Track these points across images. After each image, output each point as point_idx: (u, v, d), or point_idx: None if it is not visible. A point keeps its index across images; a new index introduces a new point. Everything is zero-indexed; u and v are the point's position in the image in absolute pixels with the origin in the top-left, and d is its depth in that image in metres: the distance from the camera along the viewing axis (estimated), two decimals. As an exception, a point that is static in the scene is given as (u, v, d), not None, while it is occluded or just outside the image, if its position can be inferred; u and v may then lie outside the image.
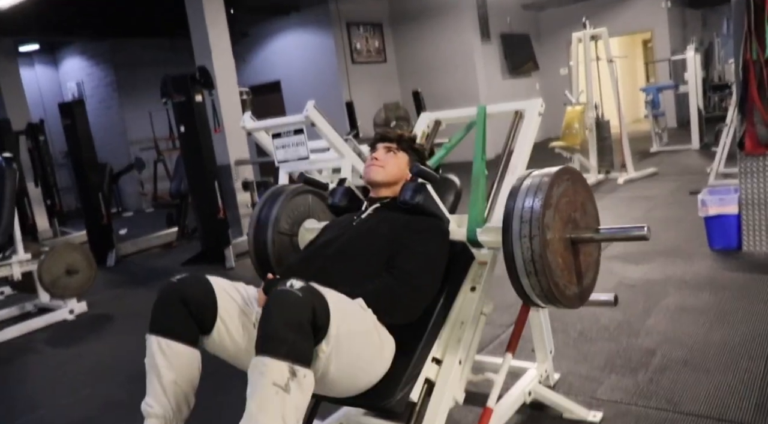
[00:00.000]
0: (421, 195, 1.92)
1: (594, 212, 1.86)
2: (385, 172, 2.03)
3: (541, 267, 1.60)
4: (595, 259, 1.86)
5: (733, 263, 3.57)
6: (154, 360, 1.65)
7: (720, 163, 5.67)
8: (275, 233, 2.17)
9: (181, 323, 1.66)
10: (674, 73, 10.87)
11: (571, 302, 1.74)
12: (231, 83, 6.08)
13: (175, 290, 1.68)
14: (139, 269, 5.78)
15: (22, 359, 3.65)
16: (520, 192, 1.68)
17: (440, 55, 10.31)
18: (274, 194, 2.27)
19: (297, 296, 1.45)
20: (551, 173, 1.69)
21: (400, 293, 1.70)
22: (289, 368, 1.38)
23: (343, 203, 2.14)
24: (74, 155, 6.17)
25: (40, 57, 10.90)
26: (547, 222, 1.62)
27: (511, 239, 1.64)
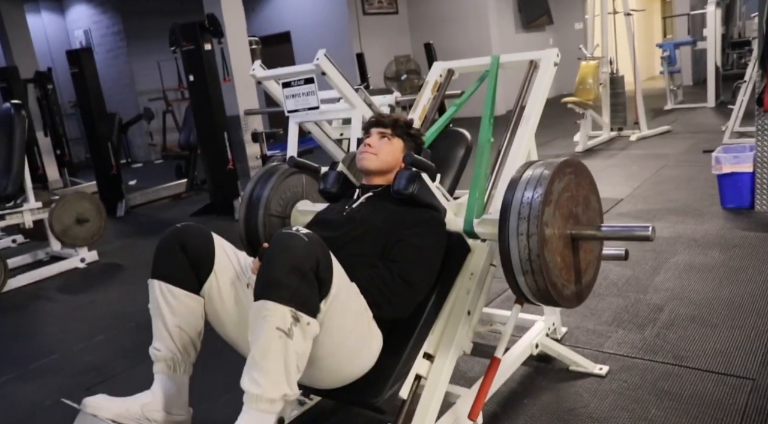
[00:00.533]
0: (415, 184, 1.81)
1: (597, 205, 1.79)
2: (379, 160, 1.92)
3: (538, 266, 1.53)
4: (596, 255, 1.79)
5: (744, 221, 3.54)
6: (158, 304, 1.67)
7: (736, 121, 5.57)
8: (266, 215, 2.12)
9: (181, 269, 1.67)
10: (693, 29, 10.60)
11: (569, 301, 1.67)
12: (240, 32, 5.98)
13: (176, 236, 1.69)
14: (149, 219, 5.81)
15: (35, 305, 3.71)
16: (519, 184, 1.60)
17: (453, 8, 10.08)
18: (267, 173, 2.19)
19: (303, 240, 1.41)
20: (553, 166, 1.61)
21: (393, 287, 1.63)
22: (292, 313, 1.37)
23: (334, 189, 2.03)
24: (83, 105, 6.13)
25: (47, 3, 10.75)
26: (546, 219, 1.55)
27: (508, 235, 1.56)
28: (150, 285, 1.69)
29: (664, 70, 8.43)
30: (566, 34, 11.72)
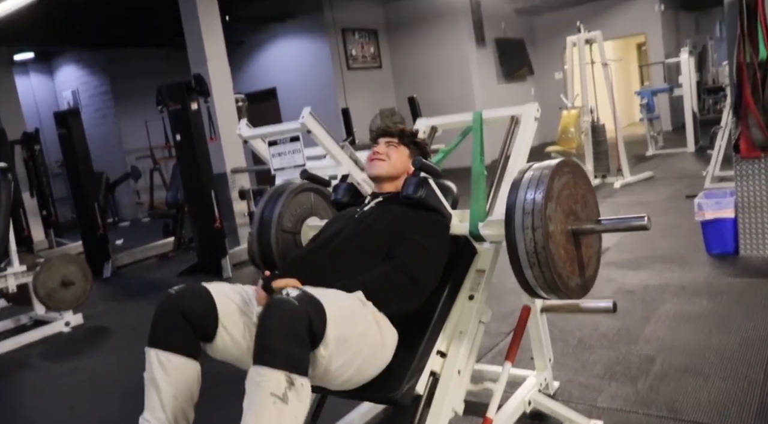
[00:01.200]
0: (423, 189, 1.92)
1: (594, 203, 1.86)
2: (388, 165, 2.03)
3: (544, 258, 1.61)
4: (596, 250, 1.87)
5: (730, 267, 3.56)
6: (153, 374, 1.63)
7: (716, 166, 5.67)
8: (279, 231, 2.17)
9: (182, 336, 1.65)
10: (668, 76, 10.90)
11: (574, 292, 1.74)
12: (227, 91, 6.08)
13: (175, 303, 1.67)
14: (135, 280, 5.75)
15: (17, 373, 3.62)
16: (521, 184, 1.69)
17: (435, 61, 10.33)
18: (276, 193, 2.26)
19: (293, 304, 1.45)
20: (552, 166, 1.70)
21: (396, 282, 1.70)
22: (287, 377, 1.38)
23: (345, 199, 2.15)
24: (70, 165, 6.14)
25: (36, 66, 10.88)
26: (549, 214, 1.63)
27: (514, 230, 1.64)
28: (147, 353, 1.66)
29: (644, 116, 8.63)
30: (547, 83, 12.01)
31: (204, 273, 5.31)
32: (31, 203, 7.61)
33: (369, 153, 2.08)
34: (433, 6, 10.08)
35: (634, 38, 12.84)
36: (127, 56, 9.94)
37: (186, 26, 6.04)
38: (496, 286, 1.97)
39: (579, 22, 6.89)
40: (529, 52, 12.05)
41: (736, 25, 3.43)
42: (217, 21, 6.06)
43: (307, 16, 9.75)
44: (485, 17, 10.67)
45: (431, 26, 10.26)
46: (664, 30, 11.34)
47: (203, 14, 5.93)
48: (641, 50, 13.28)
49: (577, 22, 6.95)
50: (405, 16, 10.44)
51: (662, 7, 11.23)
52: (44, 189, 7.68)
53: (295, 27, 9.96)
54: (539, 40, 12.39)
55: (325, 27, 9.64)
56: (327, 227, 2.03)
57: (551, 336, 2.40)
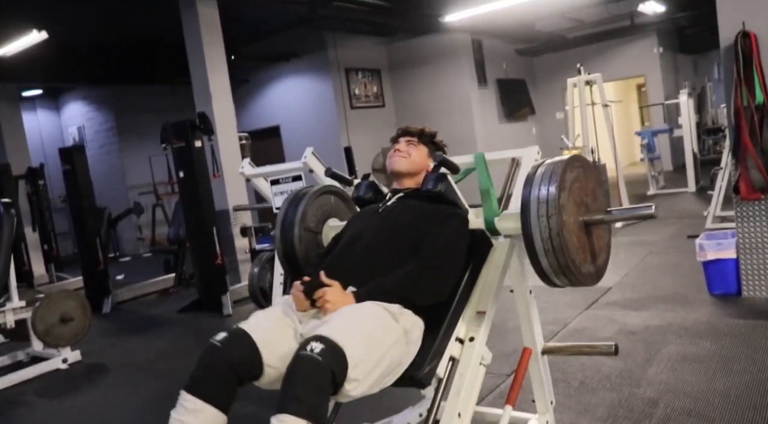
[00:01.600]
0: (443, 184, 2.03)
1: (603, 197, 1.94)
2: (409, 161, 2.13)
3: (558, 244, 1.69)
4: (606, 242, 1.95)
5: (733, 308, 3.54)
6: (183, 418, 1.63)
7: (717, 206, 5.69)
8: (302, 229, 2.24)
9: (224, 388, 1.66)
10: (668, 117, 11.02)
11: (588, 279, 1.82)
12: (230, 129, 6.14)
13: (222, 355, 1.67)
14: (135, 316, 5.72)
15: (13, 411, 3.57)
16: (535, 179, 1.77)
17: (438, 101, 10.45)
18: (298, 196, 2.34)
19: (317, 361, 1.51)
20: (564, 160, 1.79)
21: (425, 277, 1.81)
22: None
23: (368, 196, 2.23)
24: (73, 200, 6.18)
25: (43, 102, 11.04)
26: (562, 203, 1.71)
27: (530, 219, 1.73)
28: (182, 396, 1.65)
29: (644, 157, 8.69)
30: (548, 123, 12.13)
31: (205, 310, 5.29)
32: (33, 238, 7.62)
33: (390, 151, 2.18)
34: (435, 46, 10.26)
35: (634, 79, 13.02)
36: (133, 93, 10.09)
37: (192, 64, 6.14)
38: (497, 325, 1.96)
39: (579, 64, 7.00)
40: (531, 92, 12.21)
41: (732, 70, 3.49)
42: (222, 59, 6.16)
43: (311, 55, 9.92)
44: (487, 58, 10.84)
45: (434, 66, 10.41)
46: (663, 72, 11.50)
47: (209, 53, 6.04)
48: (641, 91, 13.45)
49: (578, 64, 7.06)
50: (407, 56, 10.61)
51: (661, 49, 11.42)
52: (46, 224, 7.70)
53: (299, 66, 10.12)
54: (540, 81, 12.56)
55: (328, 66, 9.79)
56: (351, 225, 2.12)
57: (553, 377, 2.37)
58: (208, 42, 6.03)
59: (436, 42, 10.19)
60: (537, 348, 2.16)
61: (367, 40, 10.29)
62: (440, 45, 10.21)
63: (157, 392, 3.44)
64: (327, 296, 1.76)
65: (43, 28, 6.00)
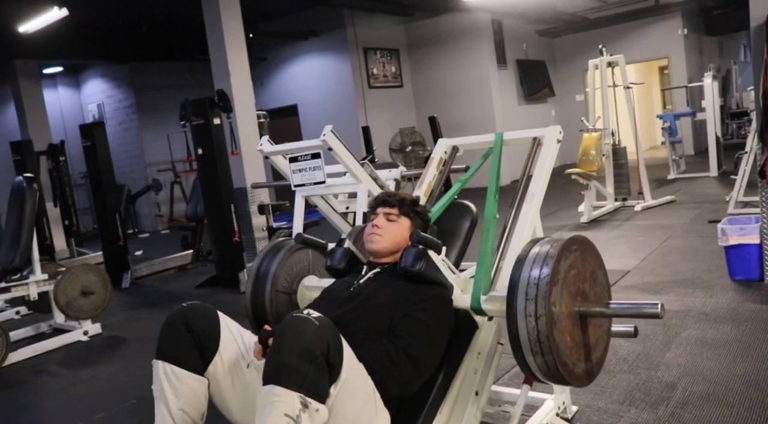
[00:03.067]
0: (422, 262, 1.82)
1: (604, 280, 1.79)
2: (385, 241, 1.96)
3: (547, 348, 1.53)
4: (605, 330, 1.79)
5: (754, 294, 3.50)
6: (161, 386, 1.65)
7: (740, 191, 5.60)
8: (273, 291, 2.13)
9: (186, 350, 1.66)
10: (691, 100, 10.84)
11: (580, 380, 1.66)
12: (249, 107, 6.13)
13: (182, 317, 1.69)
14: (153, 291, 5.79)
15: (35, 380, 3.65)
16: (526, 262, 1.62)
17: (456, 81, 10.36)
18: (274, 249, 2.23)
19: (314, 324, 1.42)
20: (558, 245, 1.62)
21: (397, 363, 1.61)
22: (301, 399, 1.36)
23: (341, 265, 2.06)
24: (93, 176, 6.24)
25: (63, 79, 11.11)
26: (553, 299, 1.55)
27: (516, 315, 1.57)
28: (154, 366, 1.67)
29: (666, 140, 8.56)
30: (568, 105, 11.99)
31: (222, 286, 5.34)
32: (54, 213, 7.73)
33: (367, 226, 2.03)
34: (454, 26, 10.15)
35: (657, 62, 12.79)
36: (152, 70, 10.11)
37: (210, 42, 6.12)
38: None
39: (601, 45, 6.88)
40: (551, 73, 12.06)
41: (762, 50, 3.41)
42: (241, 37, 6.13)
43: (330, 34, 9.86)
44: (506, 38, 10.72)
45: (453, 46, 10.31)
46: (688, 54, 11.28)
47: (228, 30, 6.01)
48: (664, 74, 13.22)
49: (600, 45, 6.94)
50: (426, 35, 10.51)
51: (686, 30, 11.19)
52: (67, 199, 7.79)
53: (317, 45, 10.07)
54: (561, 62, 12.40)
55: (347, 45, 9.73)
56: (321, 301, 1.95)
57: (570, 359, 2.37)
58: (226, 19, 5.99)
59: (455, 22, 10.08)
60: (556, 328, 2.14)
61: (385, 19, 10.21)
62: (460, 25, 10.10)
63: (176, 366, 3.50)
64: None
65: (63, 5, 6.01)
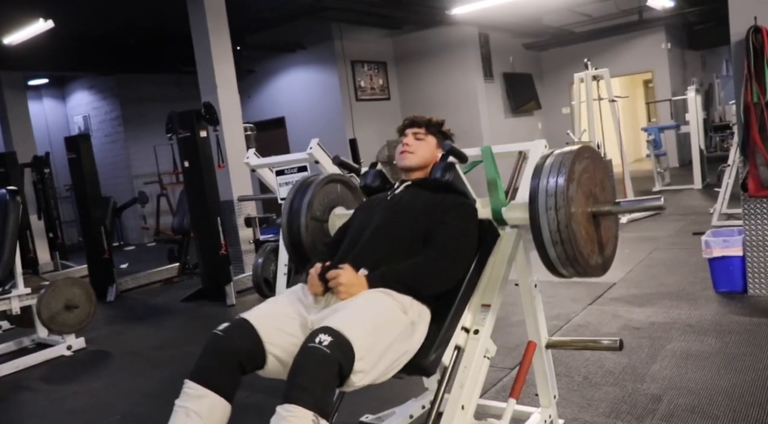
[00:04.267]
0: (450, 173, 2.04)
1: (611, 188, 1.95)
2: (417, 157, 2.13)
3: (567, 236, 1.70)
4: (614, 233, 1.96)
5: (738, 306, 3.53)
6: (186, 404, 1.63)
7: (723, 203, 5.66)
8: (309, 218, 2.24)
9: (227, 377, 1.67)
10: (675, 113, 10.97)
11: (595, 270, 1.84)
12: (236, 119, 6.13)
13: (224, 344, 1.69)
14: (139, 304, 5.74)
15: (17, 397, 3.59)
16: (543, 169, 1.76)
17: (444, 94, 10.42)
18: (305, 184, 2.34)
19: (325, 353, 1.52)
20: (573, 151, 1.80)
21: (443, 266, 1.84)
22: (314, 418, 1.45)
23: (375, 184, 2.24)
24: (78, 189, 6.19)
25: (49, 91, 11.04)
26: (571, 195, 1.72)
27: (538, 211, 1.73)
28: (186, 385, 1.66)
29: (651, 153, 8.65)
30: (554, 118, 12.08)
31: (208, 299, 5.30)
32: (38, 225, 7.66)
33: (398, 146, 2.18)
34: (442, 40, 10.22)
35: (642, 75, 12.95)
36: (139, 82, 10.08)
37: (198, 54, 6.13)
38: (501, 319, 1.96)
39: (586, 59, 6.97)
40: (537, 86, 12.16)
41: (742, 65, 3.46)
42: (228, 49, 6.14)
43: (317, 47, 9.89)
44: (493, 51, 10.80)
45: (440, 59, 10.38)
46: (671, 67, 11.43)
47: (215, 42, 6.02)
48: (648, 87, 13.38)
49: (585, 58, 7.02)
50: (414, 48, 10.57)
51: (669, 45, 11.35)
52: (52, 212, 7.73)
53: (304, 57, 10.10)
54: (547, 75, 12.51)
55: (334, 58, 9.76)
56: (359, 213, 2.13)
57: (556, 372, 2.37)
58: (214, 31, 6.01)
59: (442, 35, 10.15)
60: (541, 342, 2.15)
61: (373, 32, 10.26)
62: (447, 38, 10.17)
63: (160, 380, 3.46)
64: (340, 279, 1.77)
65: (49, 17, 6.00)
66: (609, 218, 1.91)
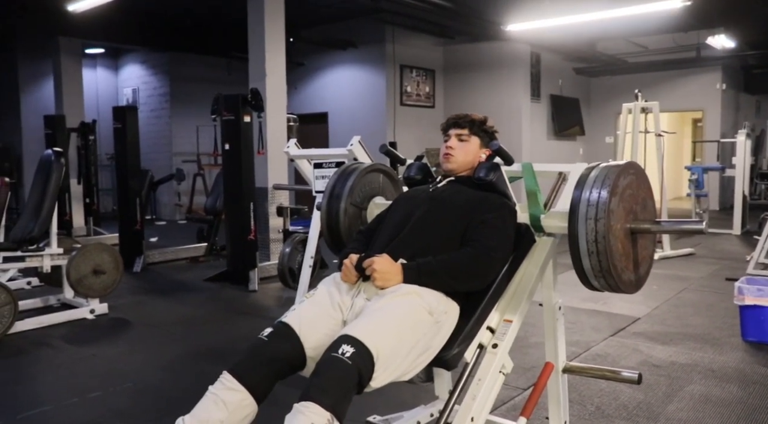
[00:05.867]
0: (495, 173, 2.05)
1: (653, 208, 1.93)
2: (459, 160, 2.14)
3: (603, 247, 1.71)
4: (650, 253, 1.95)
5: (765, 357, 3.43)
6: (217, 393, 1.66)
7: (762, 252, 5.52)
8: (348, 203, 2.28)
9: (262, 380, 1.69)
10: (722, 156, 10.75)
11: (627, 286, 1.82)
12: (280, 108, 6.19)
13: (268, 350, 1.72)
14: (163, 278, 5.83)
15: (37, 352, 3.68)
16: (588, 181, 1.77)
17: (488, 108, 10.37)
18: (347, 171, 2.37)
19: (347, 364, 1.55)
20: (619, 165, 1.80)
21: (480, 265, 1.85)
22: (330, 418, 1.49)
23: (418, 177, 2.26)
24: (119, 159, 6.33)
25: (103, 60, 11.31)
26: (612, 208, 1.72)
27: (577, 220, 1.74)
28: (223, 375, 1.69)
29: (692, 192, 8.48)
30: (597, 146, 11.93)
31: (231, 282, 5.36)
32: (76, 190, 7.86)
33: (442, 147, 2.19)
34: (493, 54, 10.19)
35: (691, 113, 12.72)
36: (190, 62, 10.26)
37: (251, 41, 6.21)
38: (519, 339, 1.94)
39: (637, 90, 6.86)
40: (583, 112, 12.03)
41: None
42: (281, 40, 6.21)
43: (368, 47, 9.95)
44: (543, 72, 10.73)
45: (488, 73, 10.35)
46: (724, 109, 11.20)
47: (269, 31, 6.10)
48: (697, 126, 13.14)
49: (636, 89, 6.92)
50: (464, 60, 10.56)
51: (724, 85, 11.12)
52: (91, 178, 7.91)
53: (355, 56, 10.16)
54: (594, 102, 12.37)
55: (384, 60, 9.80)
56: (400, 203, 2.13)
57: (569, 398, 2.34)
58: (269, 21, 6.08)
59: (494, 49, 10.11)
60: (558, 365, 2.13)
61: (425, 39, 10.27)
62: (498, 53, 10.14)
63: (175, 355, 3.51)
64: (375, 266, 1.80)
65: (114, -12, 6.14)
66: (646, 237, 1.90)
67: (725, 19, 8.65)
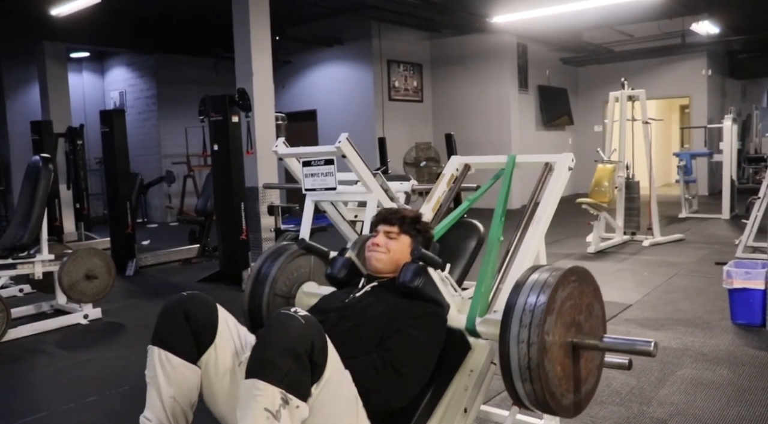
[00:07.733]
0: (420, 278, 1.83)
1: (601, 313, 1.78)
2: (385, 259, 1.97)
3: (537, 375, 1.53)
4: (597, 364, 1.77)
5: (755, 339, 3.48)
6: (155, 372, 1.66)
7: (750, 236, 5.57)
8: (272, 294, 2.13)
9: (182, 338, 1.68)
10: (709, 141, 10.82)
11: (567, 411, 1.66)
12: (268, 108, 6.18)
13: (181, 304, 1.71)
14: (157, 281, 5.82)
15: (31, 359, 3.68)
16: (524, 288, 1.62)
17: (476, 101, 10.41)
18: (276, 252, 2.21)
19: (300, 322, 1.44)
20: (557, 275, 1.63)
21: (384, 377, 1.61)
22: (282, 395, 1.38)
23: (341, 275, 2.06)
24: (108, 163, 6.31)
25: (89, 64, 11.24)
26: (547, 328, 1.56)
27: (509, 340, 1.57)
28: (149, 351, 1.69)
29: (680, 178, 8.54)
30: (585, 135, 11.99)
31: (224, 282, 5.36)
32: (66, 195, 7.82)
33: (368, 242, 2.03)
34: (480, 47, 10.21)
35: (678, 100, 12.79)
36: (176, 63, 10.22)
37: (237, 40, 6.19)
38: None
39: (624, 78, 6.90)
40: (571, 102, 12.08)
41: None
42: (267, 38, 6.19)
43: (355, 43, 9.95)
44: (530, 63, 10.76)
45: (476, 66, 10.37)
46: (710, 95, 11.27)
47: (255, 30, 6.07)
48: (684, 112, 13.21)
49: (622, 78, 6.96)
50: (451, 53, 10.58)
51: (710, 71, 11.19)
52: (80, 183, 7.88)
53: (341, 53, 10.16)
54: (582, 91, 12.42)
55: (371, 56, 9.81)
56: (318, 307, 1.95)
57: (563, 386, 2.36)
58: (254, 20, 6.06)
59: (480, 42, 10.14)
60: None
61: (411, 34, 10.29)
62: (484, 45, 10.17)
63: (171, 357, 3.52)
64: None
65: (96, -9, 6.11)
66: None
67: (709, 4, 8.71)
